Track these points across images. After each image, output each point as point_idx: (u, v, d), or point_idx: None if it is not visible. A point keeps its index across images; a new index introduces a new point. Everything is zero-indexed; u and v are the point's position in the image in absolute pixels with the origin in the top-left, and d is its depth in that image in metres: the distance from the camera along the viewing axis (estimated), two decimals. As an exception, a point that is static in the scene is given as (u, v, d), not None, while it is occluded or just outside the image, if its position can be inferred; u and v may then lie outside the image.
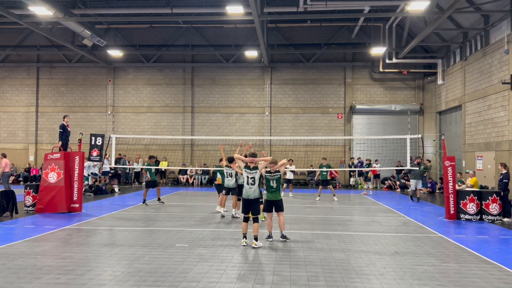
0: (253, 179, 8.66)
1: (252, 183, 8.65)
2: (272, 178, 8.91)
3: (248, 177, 8.69)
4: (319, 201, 16.94)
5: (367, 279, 6.46)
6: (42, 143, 27.41)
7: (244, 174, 8.76)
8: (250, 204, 8.69)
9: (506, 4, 17.47)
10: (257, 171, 8.71)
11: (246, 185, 8.72)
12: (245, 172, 8.73)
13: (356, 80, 26.36)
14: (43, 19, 19.36)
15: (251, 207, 8.70)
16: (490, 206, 12.15)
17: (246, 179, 8.70)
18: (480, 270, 7.01)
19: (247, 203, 8.71)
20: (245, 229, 8.65)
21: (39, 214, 12.65)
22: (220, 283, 6.18)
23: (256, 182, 8.68)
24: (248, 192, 8.67)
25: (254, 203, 8.70)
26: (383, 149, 23.14)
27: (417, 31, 22.68)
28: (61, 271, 6.64)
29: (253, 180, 8.65)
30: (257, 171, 8.71)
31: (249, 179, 8.69)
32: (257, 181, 8.70)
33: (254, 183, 8.66)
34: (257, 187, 8.74)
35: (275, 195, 8.92)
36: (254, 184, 8.66)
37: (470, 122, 20.72)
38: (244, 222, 8.69)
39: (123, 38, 26.95)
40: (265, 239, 9.03)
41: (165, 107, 27.09)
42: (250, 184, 8.66)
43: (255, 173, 8.70)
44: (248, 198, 8.68)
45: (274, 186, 8.92)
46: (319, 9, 18.75)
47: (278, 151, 26.09)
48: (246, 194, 8.70)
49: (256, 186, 8.69)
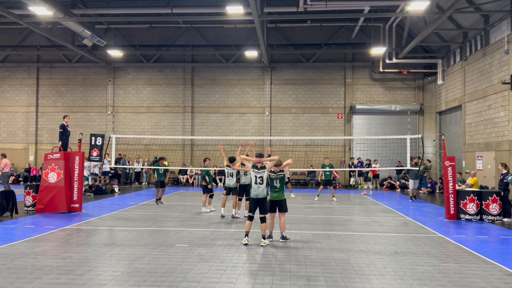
0: (261, 178, 8.75)
1: (260, 182, 8.74)
2: (276, 178, 8.89)
3: (257, 177, 8.78)
4: (317, 201, 16.94)
5: (367, 279, 6.46)
6: (42, 143, 27.42)
7: (252, 174, 8.80)
8: (258, 203, 8.77)
9: (506, 4, 17.47)
10: (265, 171, 8.79)
11: (254, 185, 8.79)
12: (253, 172, 8.80)
13: (356, 80, 26.37)
14: (43, 19, 19.36)
15: (259, 206, 8.77)
16: (490, 206, 12.15)
17: (254, 179, 8.78)
18: (480, 270, 7.01)
19: (256, 202, 8.78)
20: (249, 228, 8.76)
21: (39, 214, 12.65)
22: (220, 283, 6.18)
23: (264, 181, 8.77)
24: (257, 192, 8.75)
25: (262, 202, 8.77)
26: (383, 149, 23.14)
27: (417, 31, 22.68)
28: (61, 271, 6.64)
29: (261, 180, 8.74)
30: (265, 170, 8.79)
31: (257, 178, 8.77)
32: (265, 180, 8.78)
33: (262, 182, 8.75)
34: (265, 186, 8.82)
35: (278, 194, 8.92)
36: (263, 184, 8.76)
37: (470, 122, 20.72)
38: (248, 221, 8.80)
39: (123, 38, 26.95)
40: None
41: (165, 107, 27.10)
42: (259, 184, 8.75)
43: (263, 173, 8.79)
44: (257, 198, 8.75)
45: (278, 186, 8.90)
46: (319, 9, 18.75)
47: (278, 151, 26.06)
48: (255, 194, 8.77)
49: (264, 185, 8.78)
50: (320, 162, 25.14)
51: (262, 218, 8.71)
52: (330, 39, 26.30)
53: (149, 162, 25.82)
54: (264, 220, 8.71)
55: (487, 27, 18.96)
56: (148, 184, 25.70)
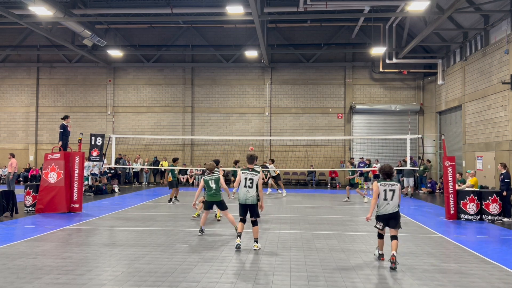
0: (251, 181, 8.18)
1: (250, 185, 8.16)
2: (210, 179, 9.39)
3: (246, 179, 8.20)
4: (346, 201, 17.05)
5: (367, 279, 6.46)
6: (42, 143, 27.41)
7: (242, 176, 8.24)
8: (248, 209, 8.24)
9: (506, 4, 17.46)
10: (258, 174, 8.23)
11: (243, 188, 8.21)
12: (243, 174, 8.24)
13: (356, 80, 26.36)
14: (43, 19, 19.36)
15: (249, 210, 8.24)
16: (490, 206, 12.15)
17: (244, 181, 8.22)
18: (480, 270, 7.01)
19: (244, 208, 8.25)
20: (241, 229, 8.39)
21: (39, 214, 12.65)
22: (220, 283, 6.18)
23: (254, 185, 8.17)
24: (246, 196, 8.16)
25: (252, 208, 8.21)
26: (383, 149, 23.15)
27: (417, 31, 22.68)
28: (61, 271, 6.64)
29: (251, 182, 8.17)
30: (257, 173, 8.23)
31: (247, 180, 8.20)
32: (255, 184, 8.17)
33: (252, 185, 8.16)
34: (256, 191, 8.18)
35: (214, 197, 9.41)
36: (252, 187, 8.15)
37: (470, 122, 20.72)
38: (240, 222, 8.40)
39: (123, 38, 26.95)
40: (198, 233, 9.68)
41: (165, 107, 27.09)
42: (248, 187, 8.17)
43: (254, 175, 8.20)
44: (246, 203, 8.18)
45: (214, 188, 9.35)
46: (319, 9, 18.75)
47: (278, 151, 26.10)
48: (243, 198, 8.18)
49: (254, 189, 8.16)
50: (320, 162, 25.26)
51: (253, 221, 8.29)
52: (330, 39, 26.29)
53: (149, 162, 25.84)
54: (255, 223, 8.29)
55: (487, 27, 18.95)
56: (148, 184, 25.71)
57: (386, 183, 7.36)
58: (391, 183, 7.34)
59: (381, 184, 7.32)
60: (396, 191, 7.31)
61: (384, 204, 7.32)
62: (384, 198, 7.29)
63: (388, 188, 7.30)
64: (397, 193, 7.33)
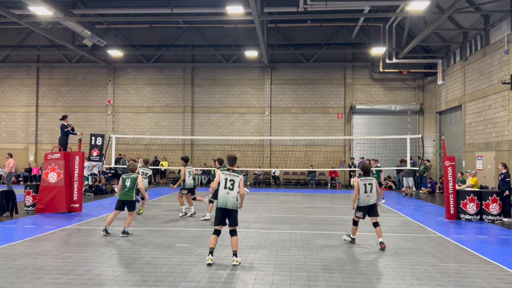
0: (232, 182, 7.26)
1: (230, 187, 7.23)
2: (127, 178, 9.53)
3: (227, 179, 7.28)
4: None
5: (367, 279, 6.46)
6: (42, 143, 27.41)
7: (222, 176, 7.30)
8: (226, 215, 7.25)
9: (506, 4, 17.46)
10: (239, 175, 7.35)
11: (223, 189, 7.25)
12: (222, 174, 7.30)
13: (356, 80, 26.36)
14: (43, 19, 19.36)
15: (228, 217, 7.26)
16: (490, 206, 12.15)
17: (223, 182, 7.27)
18: (480, 270, 7.01)
19: (223, 213, 7.23)
20: (214, 243, 7.22)
21: (39, 214, 12.65)
22: (220, 283, 6.18)
23: (235, 187, 7.26)
24: (225, 198, 7.20)
25: (231, 213, 7.24)
26: (383, 149, 23.15)
27: (417, 31, 22.68)
28: (61, 271, 6.64)
29: (232, 184, 7.25)
30: (238, 175, 7.35)
31: (227, 181, 7.27)
32: (236, 186, 7.27)
33: (233, 188, 7.24)
34: (236, 195, 7.29)
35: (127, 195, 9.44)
36: (233, 189, 7.24)
37: (470, 122, 20.72)
38: (214, 235, 7.26)
39: (123, 38, 26.95)
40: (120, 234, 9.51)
41: (165, 107, 27.10)
42: (228, 188, 7.23)
43: (236, 177, 7.31)
44: (226, 207, 7.21)
45: (128, 186, 9.44)
46: (319, 9, 18.74)
47: (278, 151, 26.12)
48: (223, 202, 7.21)
49: (235, 192, 7.25)
50: (320, 162, 25.27)
51: (232, 231, 7.28)
52: (330, 39, 26.29)
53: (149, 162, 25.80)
54: (235, 233, 7.27)
55: (487, 27, 18.96)
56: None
57: (365, 178, 8.73)
58: (369, 178, 8.72)
59: (361, 179, 8.68)
60: (373, 184, 8.67)
61: (365, 197, 8.66)
62: (364, 191, 8.64)
63: (367, 182, 8.68)
64: (374, 186, 8.69)
